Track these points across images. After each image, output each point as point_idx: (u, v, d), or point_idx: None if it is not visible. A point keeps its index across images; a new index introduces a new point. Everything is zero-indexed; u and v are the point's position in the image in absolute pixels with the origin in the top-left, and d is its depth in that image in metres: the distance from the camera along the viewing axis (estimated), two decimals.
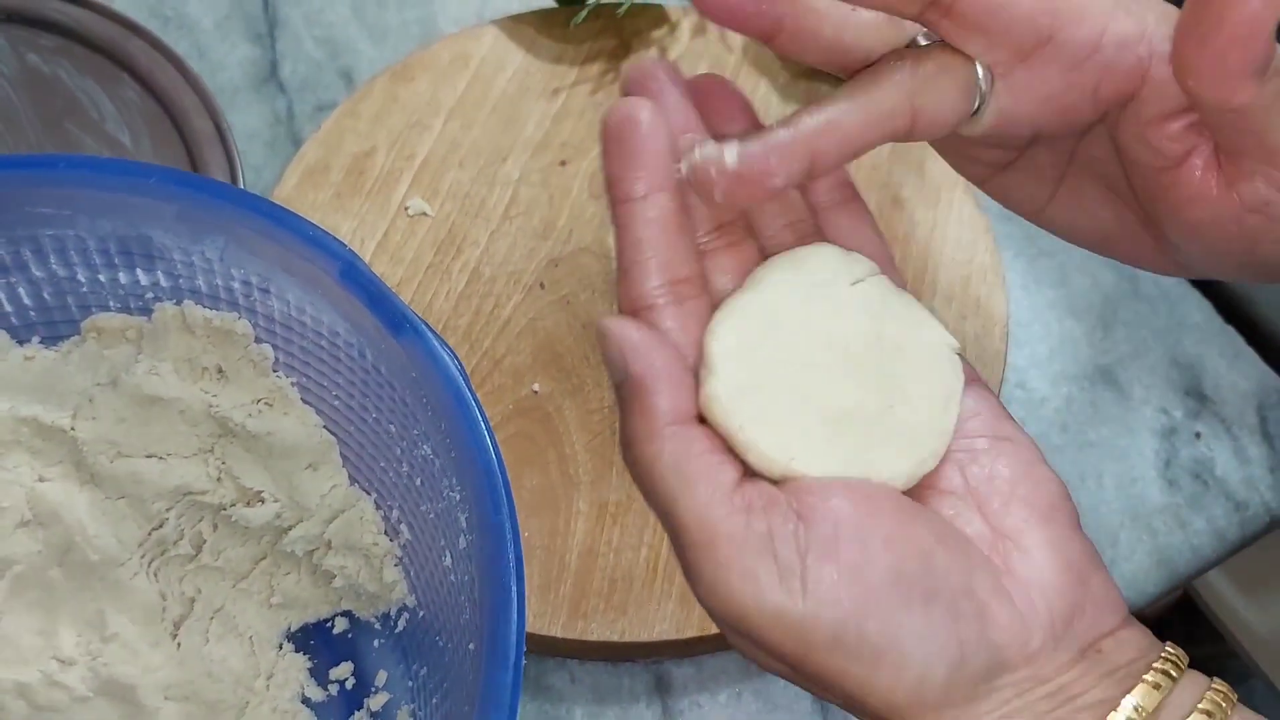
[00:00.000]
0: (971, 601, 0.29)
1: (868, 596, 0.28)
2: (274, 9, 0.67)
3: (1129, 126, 0.31)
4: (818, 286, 0.32)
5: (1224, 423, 0.55)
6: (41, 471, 0.44)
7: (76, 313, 0.45)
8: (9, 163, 0.41)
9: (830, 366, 0.32)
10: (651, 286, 0.31)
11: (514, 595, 0.34)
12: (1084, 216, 0.35)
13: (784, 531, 0.28)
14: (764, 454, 0.30)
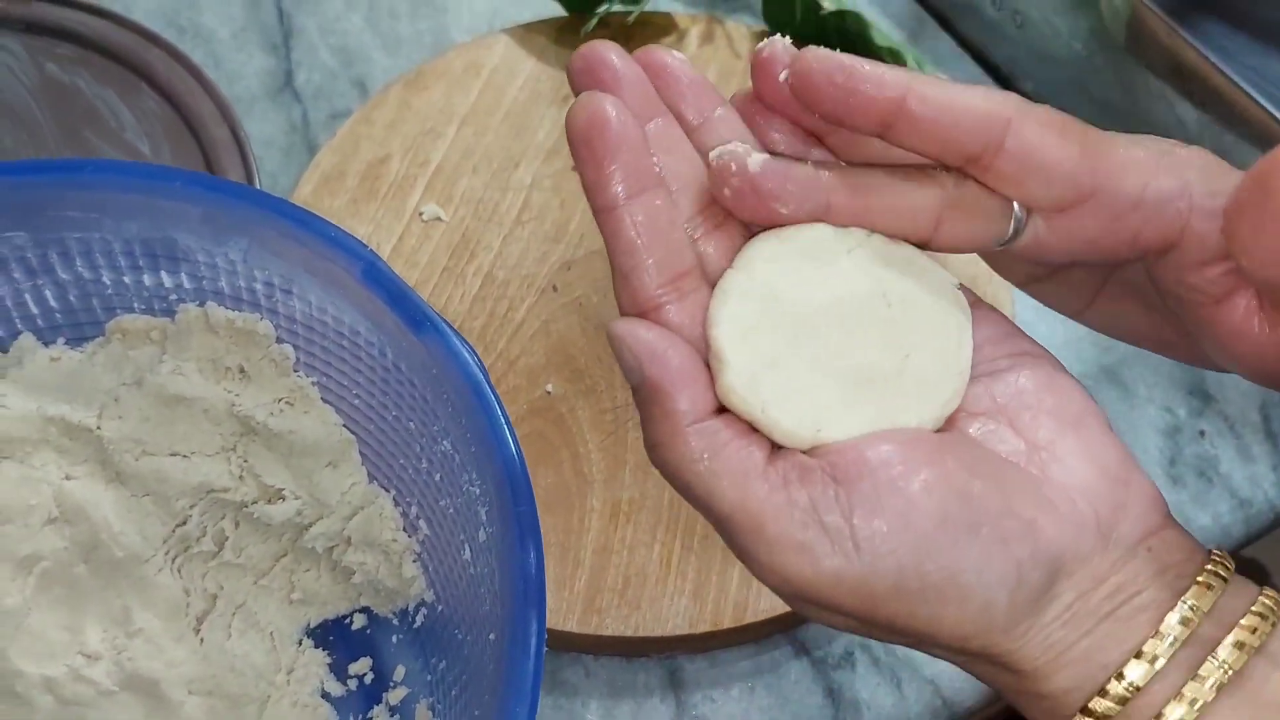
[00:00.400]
0: (1017, 521, 0.30)
1: (918, 541, 0.29)
2: (289, 20, 0.68)
3: (1169, 270, 0.32)
4: (810, 256, 0.32)
5: (1228, 421, 0.56)
6: (68, 470, 0.45)
7: (101, 314, 0.46)
8: (37, 167, 0.43)
9: (838, 331, 0.32)
10: (653, 289, 0.31)
11: (535, 584, 0.34)
12: (1122, 324, 0.36)
13: (825, 498, 0.29)
14: (790, 431, 0.31)
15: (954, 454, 0.31)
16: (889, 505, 0.29)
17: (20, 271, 0.44)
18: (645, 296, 0.31)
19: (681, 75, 0.34)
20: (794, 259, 0.32)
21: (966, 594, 0.29)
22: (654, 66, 0.33)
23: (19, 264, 0.44)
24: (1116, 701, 0.29)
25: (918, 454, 0.30)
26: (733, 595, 0.48)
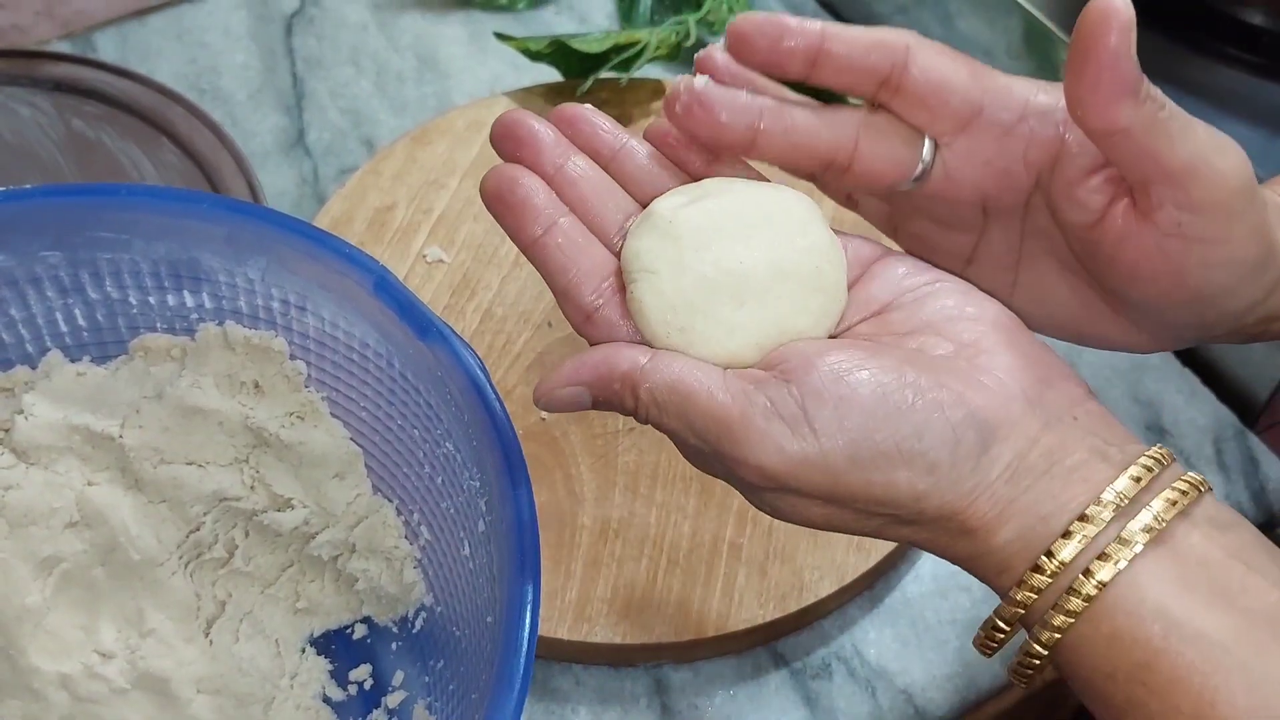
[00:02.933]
0: (948, 391, 0.34)
1: (864, 416, 0.33)
2: (302, 83, 0.72)
3: (1058, 189, 0.36)
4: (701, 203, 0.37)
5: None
6: (90, 476, 0.48)
7: (126, 333, 0.49)
8: (77, 190, 0.46)
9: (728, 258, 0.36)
10: (588, 297, 0.37)
11: (531, 555, 0.37)
12: (1046, 297, 0.39)
13: (780, 395, 0.34)
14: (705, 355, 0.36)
15: (887, 351, 0.35)
16: (835, 392, 0.34)
17: (53, 290, 0.48)
18: (582, 305, 0.37)
19: (591, 119, 0.39)
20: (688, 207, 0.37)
21: (912, 456, 0.33)
22: (564, 119, 0.39)
23: (52, 283, 0.47)
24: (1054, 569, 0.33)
25: (856, 353, 0.35)
26: (715, 606, 0.51)
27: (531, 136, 0.38)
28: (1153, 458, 0.34)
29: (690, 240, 0.36)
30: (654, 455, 0.55)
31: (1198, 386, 0.62)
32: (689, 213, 0.37)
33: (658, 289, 0.36)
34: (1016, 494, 0.34)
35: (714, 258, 0.36)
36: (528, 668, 0.36)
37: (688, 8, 0.73)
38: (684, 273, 0.36)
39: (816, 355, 0.35)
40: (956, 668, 0.52)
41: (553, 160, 0.38)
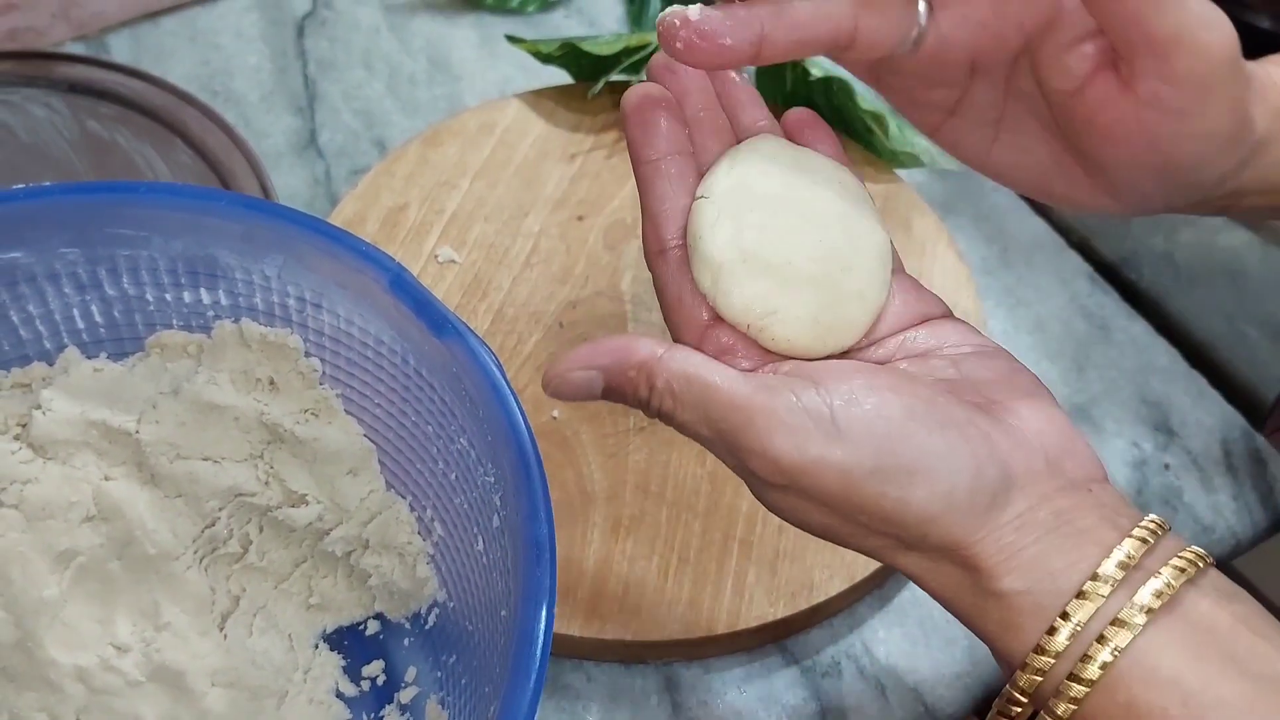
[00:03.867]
0: (976, 429, 0.34)
1: (891, 428, 0.34)
2: (314, 85, 0.73)
3: (1046, 54, 0.36)
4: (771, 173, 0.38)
5: (1191, 455, 0.59)
6: (107, 471, 0.48)
7: (142, 330, 0.49)
8: (96, 188, 0.46)
9: (791, 235, 0.37)
10: (670, 234, 0.38)
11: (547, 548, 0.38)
12: (1023, 156, 0.40)
13: (808, 394, 0.34)
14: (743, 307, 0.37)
15: (922, 382, 0.35)
16: (865, 400, 0.34)
17: (71, 287, 0.48)
18: (664, 238, 0.38)
19: (741, 91, 0.41)
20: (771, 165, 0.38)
21: (933, 477, 0.33)
22: (719, 77, 0.41)
23: (70, 279, 0.48)
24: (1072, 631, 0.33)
25: (890, 376, 0.35)
26: (726, 604, 0.51)
27: (685, 77, 0.39)
28: (1154, 523, 0.34)
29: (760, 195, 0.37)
30: (665, 454, 0.55)
31: (1206, 388, 0.62)
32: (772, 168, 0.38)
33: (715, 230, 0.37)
34: (1025, 544, 0.34)
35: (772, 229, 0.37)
36: (543, 660, 0.37)
37: None
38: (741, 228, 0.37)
39: (853, 370, 0.35)
40: (966, 666, 0.52)
41: (694, 106, 0.39)
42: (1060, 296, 0.65)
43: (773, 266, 0.37)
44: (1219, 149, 0.36)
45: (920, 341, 0.38)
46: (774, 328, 0.37)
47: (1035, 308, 0.64)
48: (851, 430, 0.33)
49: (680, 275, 0.38)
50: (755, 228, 0.37)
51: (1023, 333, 0.63)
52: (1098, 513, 0.34)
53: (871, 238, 0.38)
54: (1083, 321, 0.64)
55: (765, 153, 0.39)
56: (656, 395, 0.35)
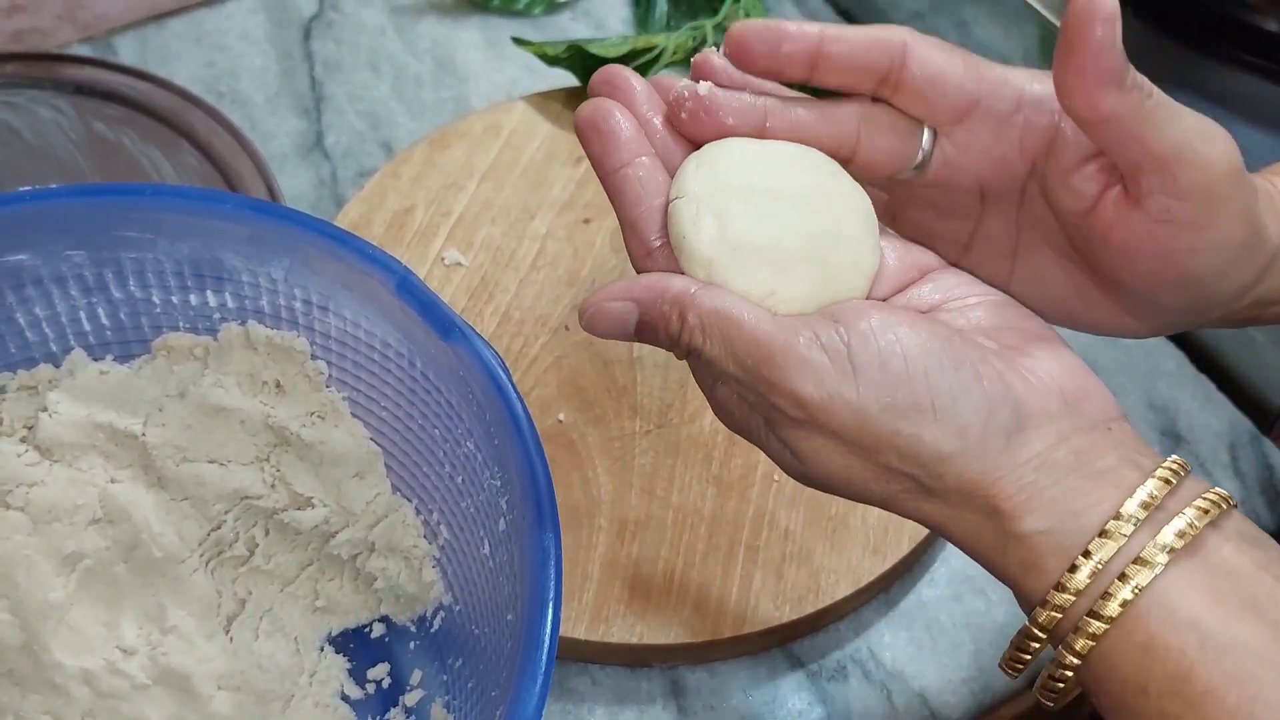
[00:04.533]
0: (990, 369, 0.35)
1: (907, 366, 0.34)
2: (320, 87, 0.73)
3: (1053, 176, 0.37)
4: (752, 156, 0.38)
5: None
6: (113, 473, 0.48)
7: (149, 332, 0.49)
8: (102, 190, 0.47)
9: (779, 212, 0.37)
10: (653, 234, 0.38)
11: (554, 551, 0.38)
12: (1042, 285, 0.40)
13: (827, 332, 0.35)
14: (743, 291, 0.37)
15: (939, 322, 0.36)
16: (881, 338, 0.35)
17: (77, 289, 0.48)
18: (647, 240, 0.38)
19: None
20: (739, 157, 0.38)
21: (945, 414, 0.34)
22: (662, 85, 0.40)
23: (76, 282, 0.48)
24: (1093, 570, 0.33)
25: (908, 314, 0.36)
26: (731, 608, 0.51)
27: (628, 86, 0.39)
28: (1176, 463, 0.34)
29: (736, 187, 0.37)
30: (670, 458, 0.55)
31: (1213, 392, 0.62)
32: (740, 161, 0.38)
33: (698, 226, 0.37)
34: (1044, 484, 0.34)
35: (754, 216, 0.37)
36: (549, 664, 0.37)
37: (704, 13, 0.73)
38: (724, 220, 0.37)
39: (871, 308, 0.36)
40: (972, 671, 0.52)
41: (645, 111, 0.39)
42: None
43: (763, 251, 0.37)
44: (1235, 259, 0.36)
45: (926, 296, 0.38)
46: (776, 309, 0.37)
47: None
48: (866, 367, 0.34)
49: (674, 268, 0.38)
50: (737, 217, 0.37)
51: None
52: (1118, 452, 0.34)
53: (852, 204, 0.38)
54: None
55: (729, 149, 0.38)
56: (687, 330, 0.36)
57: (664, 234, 0.38)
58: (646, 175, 0.38)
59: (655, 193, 0.38)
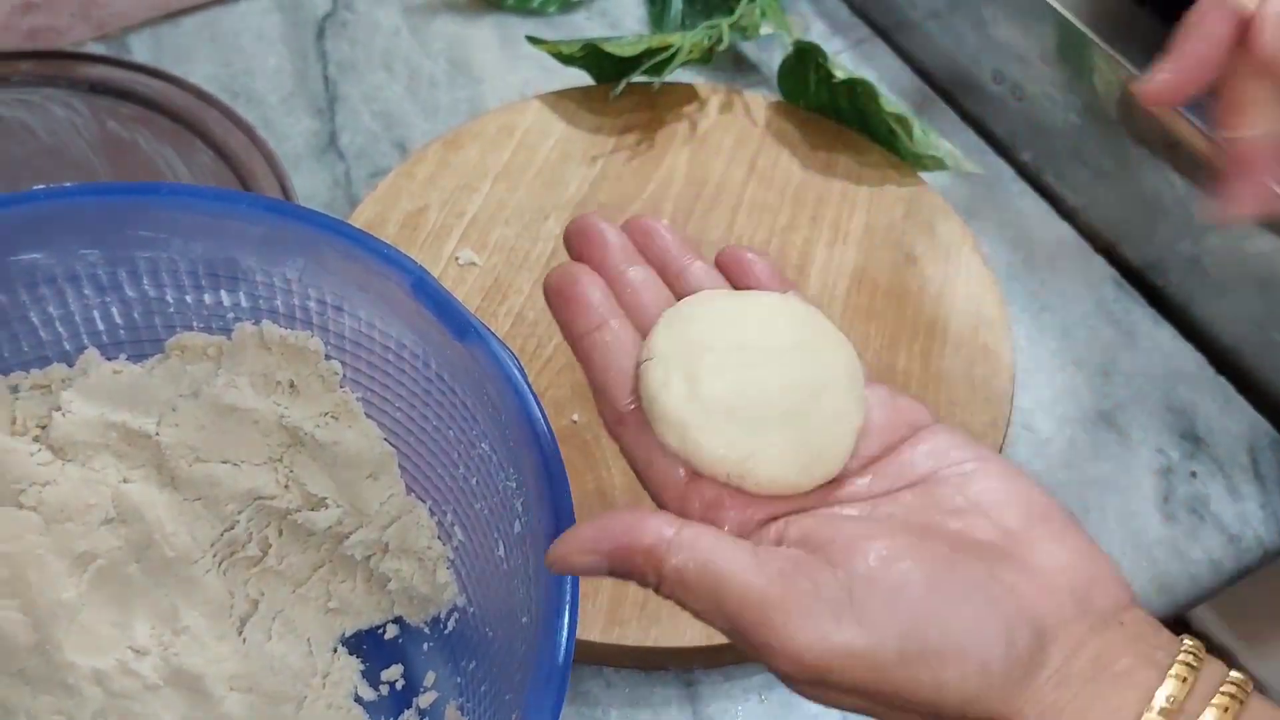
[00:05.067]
0: (1000, 585, 0.32)
1: (915, 609, 0.31)
2: (334, 87, 0.73)
3: None
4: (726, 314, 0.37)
5: (1217, 463, 0.59)
6: (126, 473, 0.48)
7: (162, 332, 0.49)
8: (117, 189, 0.46)
9: (754, 371, 0.36)
10: (624, 399, 0.36)
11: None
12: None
13: (824, 578, 0.32)
14: (718, 457, 0.35)
15: (937, 538, 0.33)
16: (884, 580, 0.31)
17: (91, 288, 0.48)
18: (618, 405, 0.37)
19: (663, 235, 0.40)
20: (714, 312, 0.37)
21: (964, 654, 0.31)
22: (637, 229, 0.40)
23: (90, 281, 0.48)
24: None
25: (905, 539, 0.33)
26: None
27: (600, 238, 0.39)
28: (1192, 653, 0.32)
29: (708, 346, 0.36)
30: None
31: (1233, 395, 0.61)
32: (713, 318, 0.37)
33: (668, 388, 0.35)
34: (1066, 700, 0.32)
35: (728, 374, 0.36)
36: (566, 667, 0.36)
37: (720, 12, 0.73)
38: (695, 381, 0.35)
39: (864, 539, 0.33)
40: None
41: (616, 264, 0.38)
42: (1086, 302, 0.64)
43: (738, 410, 0.35)
44: None
45: (920, 463, 0.36)
46: (755, 472, 0.35)
47: (1060, 313, 0.64)
48: (875, 616, 0.31)
49: (646, 439, 0.36)
50: (710, 376, 0.35)
51: (1048, 338, 0.63)
52: (1133, 649, 0.32)
53: (835, 355, 0.37)
54: (1109, 327, 0.63)
55: (702, 304, 0.37)
56: (667, 583, 0.33)
57: (636, 397, 0.36)
58: (614, 339, 0.37)
59: (624, 356, 0.37)
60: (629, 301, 0.38)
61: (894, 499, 0.35)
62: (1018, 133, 0.71)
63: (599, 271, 0.39)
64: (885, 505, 0.35)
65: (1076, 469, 0.58)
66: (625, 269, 0.39)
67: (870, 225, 0.64)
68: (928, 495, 0.35)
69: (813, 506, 0.35)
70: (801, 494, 0.35)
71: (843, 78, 0.66)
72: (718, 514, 0.35)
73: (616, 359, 0.37)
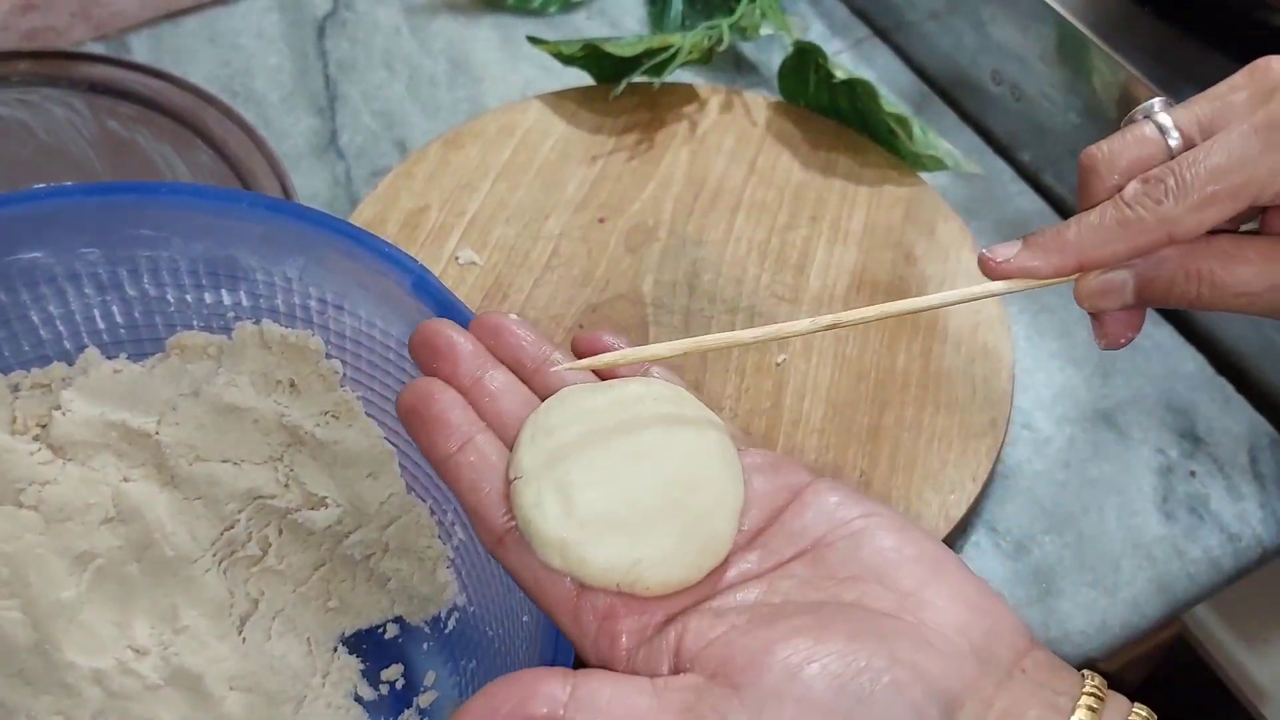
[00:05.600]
0: (903, 668, 0.32)
1: (825, 716, 0.31)
2: (334, 85, 0.73)
3: None
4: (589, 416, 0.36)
5: (1217, 463, 0.59)
6: (126, 472, 0.48)
7: (163, 331, 0.49)
8: (117, 188, 0.46)
9: (626, 474, 0.35)
10: (501, 519, 0.36)
11: None
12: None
13: (730, 708, 0.31)
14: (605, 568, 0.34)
15: (834, 626, 0.33)
16: (791, 692, 0.31)
17: (91, 287, 0.48)
18: (495, 526, 0.36)
19: (514, 330, 0.40)
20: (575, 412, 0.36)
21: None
22: (487, 328, 0.39)
23: (90, 280, 0.48)
24: None
25: (801, 640, 0.32)
26: None
27: (450, 348, 0.38)
28: (1093, 691, 0.33)
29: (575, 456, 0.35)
30: None
31: (1232, 394, 0.61)
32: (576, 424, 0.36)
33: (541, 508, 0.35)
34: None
35: (600, 484, 0.35)
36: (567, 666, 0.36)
37: (720, 12, 0.73)
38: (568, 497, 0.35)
39: (762, 652, 0.32)
40: None
41: (470, 373, 0.38)
42: None
43: (616, 519, 0.34)
44: None
45: (808, 529, 0.36)
46: (645, 577, 0.34)
47: (1060, 314, 0.64)
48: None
49: (527, 558, 0.35)
50: (581, 489, 0.35)
51: (1047, 339, 0.63)
52: (1037, 697, 0.32)
53: (703, 438, 0.36)
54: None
55: (561, 408, 0.36)
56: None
57: (511, 515, 0.35)
58: (479, 459, 0.36)
59: (493, 475, 0.36)
60: (488, 410, 0.37)
61: (785, 572, 0.35)
62: (1017, 133, 0.71)
63: (452, 383, 0.38)
64: (779, 581, 0.35)
65: (1076, 469, 0.58)
66: (480, 376, 0.38)
67: (870, 225, 0.64)
68: (819, 564, 0.35)
69: (707, 596, 0.35)
70: (693, 586, 0.35)
71: (843, 78, 0.66)
72: (613, 625, 0.34)
73: (485, 479, 0.36)
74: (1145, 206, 0.37)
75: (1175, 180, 0.37)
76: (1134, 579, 0.55)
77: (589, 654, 0.35)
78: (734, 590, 0.35)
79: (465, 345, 0.38)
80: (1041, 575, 0.55)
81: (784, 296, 0.61)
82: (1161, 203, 0.37)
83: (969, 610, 0.34)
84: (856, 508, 0.36)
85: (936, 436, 0.56)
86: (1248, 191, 0.37)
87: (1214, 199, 0.37)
